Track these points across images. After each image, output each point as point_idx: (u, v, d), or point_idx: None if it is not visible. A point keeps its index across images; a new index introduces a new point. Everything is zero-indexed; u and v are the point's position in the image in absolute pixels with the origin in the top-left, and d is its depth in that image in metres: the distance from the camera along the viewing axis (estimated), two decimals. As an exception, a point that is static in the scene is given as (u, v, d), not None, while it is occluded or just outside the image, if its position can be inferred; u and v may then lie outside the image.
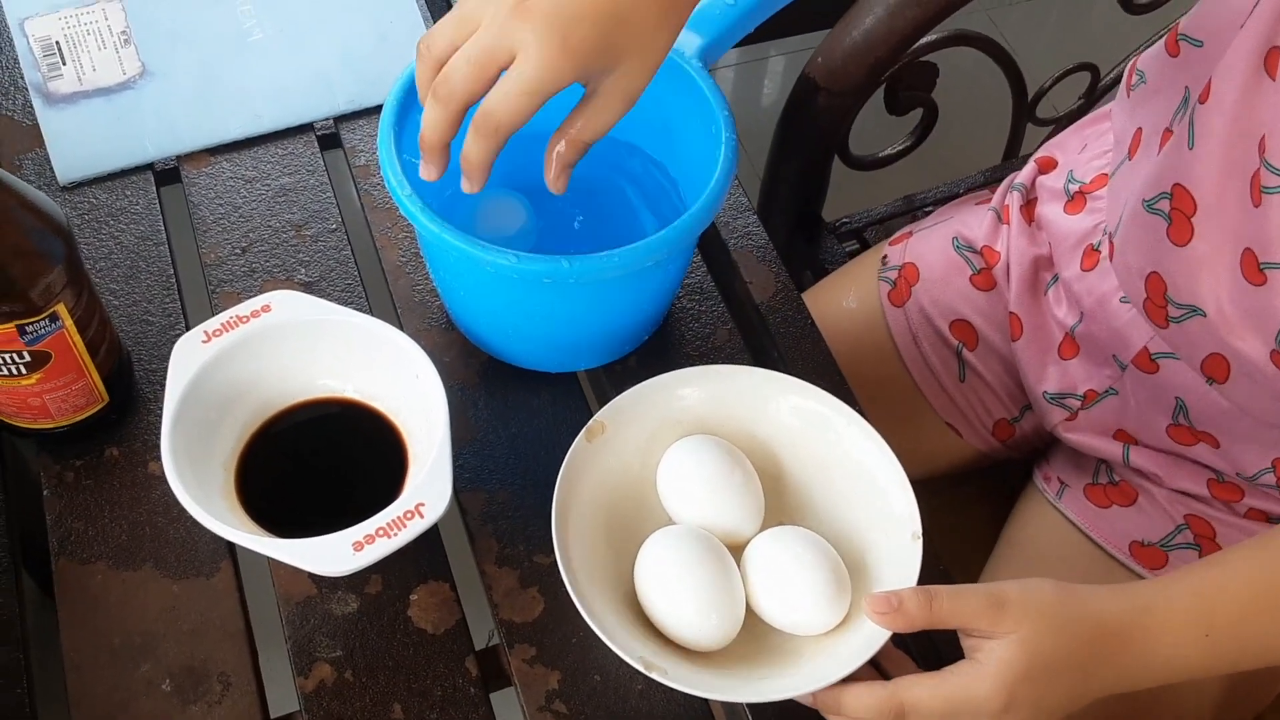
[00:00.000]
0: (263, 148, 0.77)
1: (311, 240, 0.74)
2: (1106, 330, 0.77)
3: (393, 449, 0.63)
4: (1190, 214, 0.66)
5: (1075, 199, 0.81)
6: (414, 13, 0.83)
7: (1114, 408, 0.79)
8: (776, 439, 0.64)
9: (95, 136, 0.76)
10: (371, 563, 0.54)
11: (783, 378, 0.64)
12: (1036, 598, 0.56)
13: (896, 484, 0.60)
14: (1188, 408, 0.74)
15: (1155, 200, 0.69)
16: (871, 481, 0.61)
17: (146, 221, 0.74)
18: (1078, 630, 0.56)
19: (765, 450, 0.64)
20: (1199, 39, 0.67)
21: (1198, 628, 0.57)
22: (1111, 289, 0.76)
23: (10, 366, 0.60)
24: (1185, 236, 0.67)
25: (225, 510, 0.58)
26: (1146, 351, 0.75)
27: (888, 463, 0.61)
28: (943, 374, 0.87)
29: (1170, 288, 0.70)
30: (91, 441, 0.66)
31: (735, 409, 0.64)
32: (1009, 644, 0.55)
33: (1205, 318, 0.68)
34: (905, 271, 0.89)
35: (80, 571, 0.62)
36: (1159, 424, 0.77)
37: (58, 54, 0.78)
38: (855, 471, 0.62)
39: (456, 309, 0.70)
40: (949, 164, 1.18)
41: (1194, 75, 0.66)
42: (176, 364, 0.60)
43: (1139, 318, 0.74)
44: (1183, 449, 0.77)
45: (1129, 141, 0.74)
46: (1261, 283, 0.63)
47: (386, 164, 0.61)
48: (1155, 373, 0.75)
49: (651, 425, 0.63)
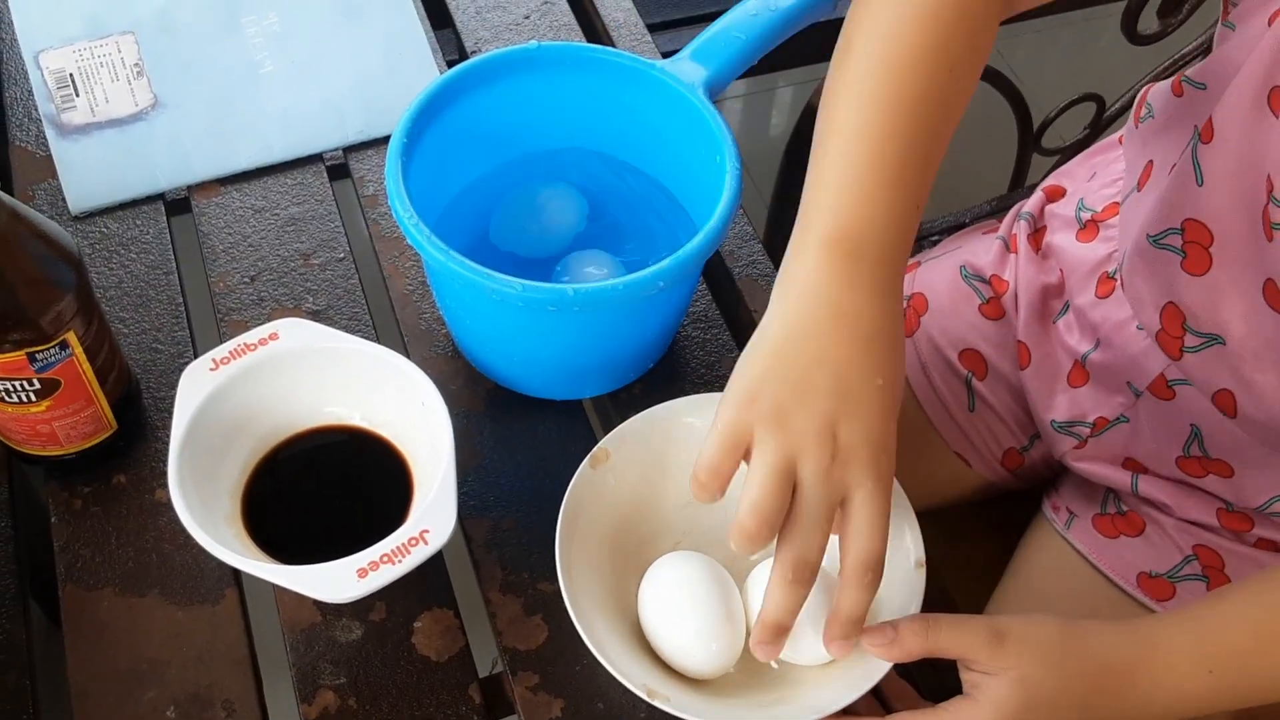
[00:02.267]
0: (272, 178, 0.78)
1: (320, 269, 0.74)
2: (1123, 357, 0.77)
3: (398, 476, 0.63)
4: (1208, 245, 0.67)
5: (1088, 227, 0.81)
6: (423, 45, 0.84)
7: (1125, 435, 0.79)
8: None
9: (107, 167, 0.77)
10: (376, 589, 0.55)
11: None
12: (1037, 633, 0.56)
13: (901, 512, 0.60)
14: (1203, 435, 0.74)
15: (1162, 235, 0.69)
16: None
17: (157, 251, 0.74)
18: (1078, 668, 0.56)
19: None
20: (1201, 82, 0.68)
21: (1201, 666, 0.57)
22: (1128, 316, 0.76)
23: (20, 393, 0.60)
24: (1203, 266, 0.67)
25: (231, 537, 0.58)
26: (1164, 378, 0.75)
27: (903, 512, 0.61)
28: (952, 404, 0.87)
29: (1189, 316, 0.70)
30: (99, 468, 0.66)
31: None
32: (1007, 681, 0.55)
33: (1224, 346, 0.68)
34: (914, 302, 0.89)
35: (87, 598, 0.62)
36: (1169, 453, 0.76)
37: (71, 86, 0.79)
38: None
39: (463, 336, 0.70)
40: (956, 193, 1.18)
41: (1198, 114, 0.67)
42: (184, 391, 0.60)
43: (1153, 346, 0.74)
44: (1192, 479, 0.76)
45: (1139, 173, 0.74)
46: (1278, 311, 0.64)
47: (394, 193, 0.62)
48: (1171, 399, 0.75)
49: (657, 452, 0.63)
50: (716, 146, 0.65)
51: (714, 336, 0.73)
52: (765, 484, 0.51)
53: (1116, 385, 0.78)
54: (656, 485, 0.63)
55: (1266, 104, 0.61)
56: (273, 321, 0.62)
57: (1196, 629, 0.58)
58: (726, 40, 0.69)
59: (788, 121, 1.81)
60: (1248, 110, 0.62)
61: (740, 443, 0.52)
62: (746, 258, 0.77)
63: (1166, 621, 0.59)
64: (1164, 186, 0.69)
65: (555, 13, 0.88)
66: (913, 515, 0.60)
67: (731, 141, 0.64)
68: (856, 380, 0.53)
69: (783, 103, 1.84)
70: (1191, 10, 0.95)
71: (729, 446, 0.52)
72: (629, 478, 0.62)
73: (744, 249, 0.77)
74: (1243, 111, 0.62)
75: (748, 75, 0.72)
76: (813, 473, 0.51)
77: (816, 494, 0.51)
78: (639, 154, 0.72)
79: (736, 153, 0.64)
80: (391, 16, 0.85)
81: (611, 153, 0.73)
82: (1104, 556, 0.80)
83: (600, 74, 0.69)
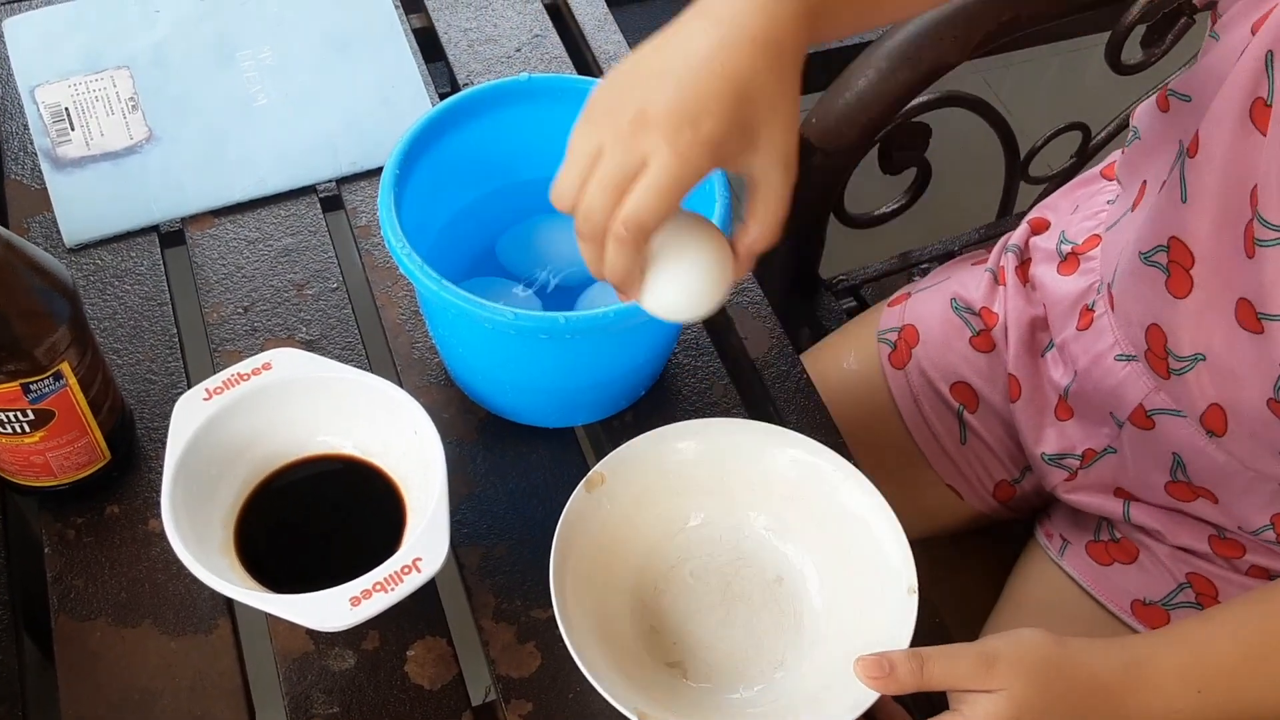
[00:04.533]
0: (266, 209, 0.79)
1: (313, 299, 0.75)
2: (1101, 389, 0.78)
3: (391, 504, 0.63)
4: (1189, 266, 0.67)
5: (1069, 260, 0.82)
6: (415, 78, 0.85)
7: (1113, 466, 0.79)
8: (775, 491, 0.64)
9: (102, 199, 0.77)
10: (369, 617, 0.55)
11: (782, 431, 0.64)
12: (1028, 653, 0.56)
13: (893, 538, 0.61)
14: (1185, 464, 0.74)
15: (1152, 253, 0.70)
16: (869, 535, 0.62)
17: (151, 282, 0.75)
18: (1069, 685, 0.56)
19: (763, 503, 0.65)
20: (1187, 94, 0.68)
21: (1191, 685, 0.57)
22: (1106, 347, 0.77)
23: (14, 424, 0.60)
24: (1184, 289, 0.68)
25: (224, 567, 0.59)
26: (1143, 409, 0.75)
27: (885, 517, 0.61)
28: (944, 436, 0.88)
29: (1171, 340, 0.70)
30: (92, 499, 0.66)
31: (734, 462, 0.64)
32: (998, 699, 0.55)
33: (1206, 365, 0.68)
34: (905, 334, 0.89)
35: (80, 628, 0.62)
36: (1157, 481, 0.77)
37: (66, 120, 0.80)
38: (852, 525, 0.63)
39: (455, 365, 0.71)
40: (944, 221, 1.19)
41: (1184, 129, 0.67)
42: (178, 421, 0.60)
43: (1135, 374, 0.75)
44: (1182, 505, 0.77)
45: (1134, 195, 0.75)
46: (1259, 332, 0.64)
47: (386, 223, 0.62)
48: (1151, 429, 0.75)
49: (651, 477, 0.63)
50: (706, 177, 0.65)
51: (705, 364, 0.74)
52: (569, 162, 0.53)
53: (1100, 417, 0.79)
54: (650, 510, 0.64)
55: (1249, 118, 0.61)
56: (266, 352, 0.62)
57: (1186, 649, 0.58)
58: None
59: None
60: (1232, 124, 0.62)
61: (586, 158, 0.53)
62: (736, 285, 0.78)
63: (1156, 641, 0.59)
64: (1153, 203, 0.70)
65: (546, 45, 0.89)
66: (904, 540, 0.60)
67: (720, 171, 0.65)
68: (687, 65, 0.51)
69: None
70: (1175, 40, 0.96)
71: (575, 155, 0.53)
72: (623, 502, 0.63)
73: (734, 277, 0.78)
74: (1227, 126, 0.63)
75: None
76: (612, 138, 0.51)
77: (609, 157, 0.51)
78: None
79: (725, 182, 0.65)
80: (384, 50, 0.86)
81: None
82: (1098, 584, 0.81)
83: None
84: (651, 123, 0.50)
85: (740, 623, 0.63)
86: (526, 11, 0.91)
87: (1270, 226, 0.61)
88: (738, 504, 0.65)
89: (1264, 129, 0.60)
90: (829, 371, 0.92)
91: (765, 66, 0.52)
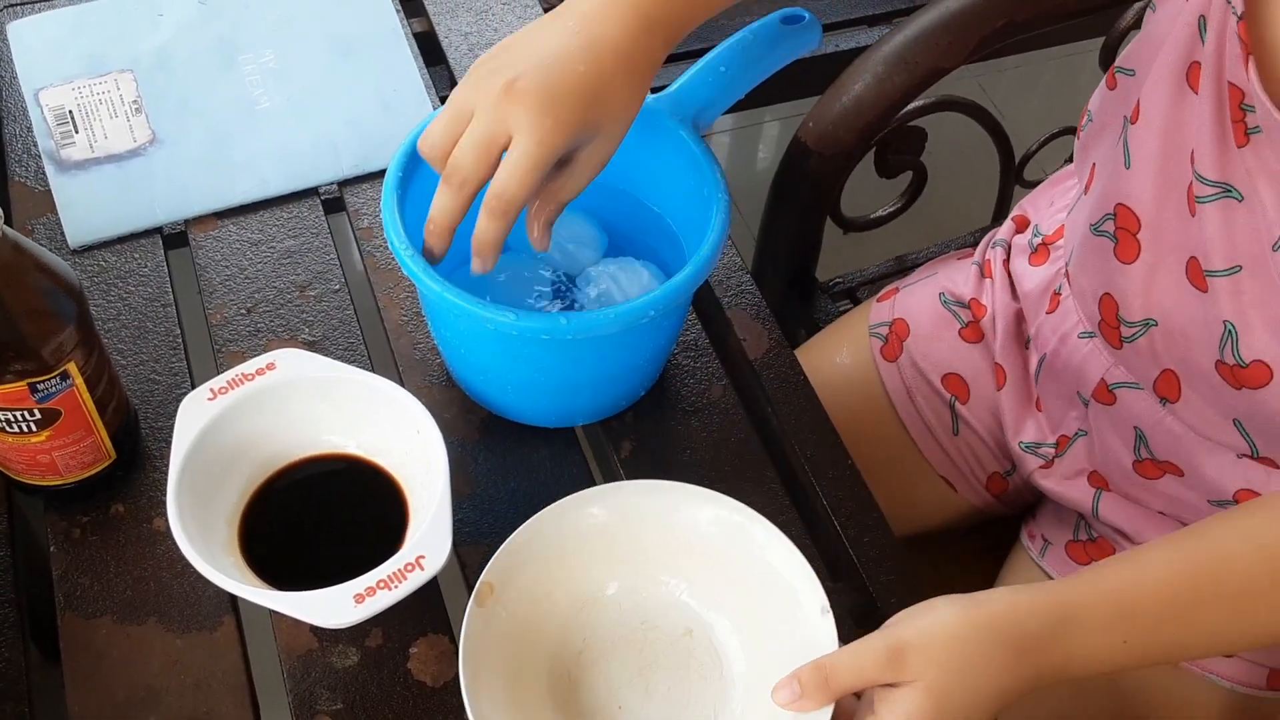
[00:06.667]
0: (269, 211, 0.79)
1: (315, 300, 0.75)
2: (1069, 369, 0.80)
3: (394, 503, 0.64)
4: (1135, 231, 0.69)
5: (1039, 250, 0.84)
6: (416, 81, 0.86)
7: (1085, 449, 0.81)
8: (683, 549, 0.63)
9: (106, 201, 0.78)
10: (373, 615, 0.55)
11: (681, 487, 0.63)
12: (938, 634, 0.55)
13: (794, 565, 0.60)
14: (1147, 438, 0.76)
15: (1101, 223, 0.72)
16: (774, 574, 0.61)
17: (154, 283, 0.76)
18: (987, 662, 0.55)
19: (673, 563, 0.63)
20: (1131, 68, 0.70)
21: (1118, 635, 0.58)
22: (1071, 326, 0.79)
23: (21, 423, 0.61)
24: (1132, 254, 0.70)
25: (229, 564, 0.59)
26: (1104, 383, 0.77)
27: (797, 563, 0.60)
28: (937, 428, 0.89)
29: (1122, 307, 0.72)
30: (98, 498, 0.67)
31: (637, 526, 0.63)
32: (914, 693, 0.54)
33: (1157, 329, 0.70)
34: (896, 327, 0.90)
35: (85, 626, 0.63)
36: (1125, 460, 0.78)
37: (70, 123, 0.80)
38: (757, 568, 0.61)
39: (457, 365, 0.71)
40: (940, 225, 1.20)
41: (1128, 102, 0.69)
42: (182, 420, 0.61)
43: (1095, 350, 0.77)
44: (1153, 483, 0.78)
45: (1086, 178, 0.76)
46: (1205, 290, 0.65)
47: (389, 224, 0.63)
48: (1113, 404, 0.77)
49: (541, 566, 0.61)
50: (706, 178, 0.66)
51: (703, 365, 0.75)
52: (442, 115, 0.60)
53: (1070, 398, 0.80)
54: (548, 601, 0.62)
55: (1186, 80, 0.63)
56: (271, 352, 0.63)
57: (1114, 602, 0.58)
58: (712, 76, 0.70)
59: (774, 155, 1.83)
60: (1170, 88, 0.64)
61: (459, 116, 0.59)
62: (735, 288, 0.78)
63: (1084, 591, 0.58)
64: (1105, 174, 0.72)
65: (546, 49, 0.89)
66: (807, 564, 0.59)
67: (720, 174, 0.66)
68: (555, 58, 0.59)
69: (769, 136, 1.86)
70: (1167, 45, 0.97)
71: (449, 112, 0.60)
72: (520, 604, 0.61)
73: (732, 279, 0.79)
74: (1165, 90, 0.65)
75: (734, 110, 0.73)
76: (481, 105, 0.59)
77: (479, 119, 0.59)
78: (631, 182, 0.74)
79: (725, 185, 0.65)
80: (385, 54, 0.86)
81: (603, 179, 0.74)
82: None
83: None
84: (518, 96, 0.58)
85: (663, 691, 0.61)
86: (526, 16, 0.91)
87: (1207, 183, 0.63)
88: (648, 568, 0.63)
89: (1198, 90, 0.62)
90: (823, 367, 0.93)
91: (620, 75, 0.60)
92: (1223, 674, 0.76)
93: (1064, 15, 0.93)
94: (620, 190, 0.74)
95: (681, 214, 0.72)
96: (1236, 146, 0.62)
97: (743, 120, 1.86)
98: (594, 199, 0.74)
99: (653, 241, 0.74)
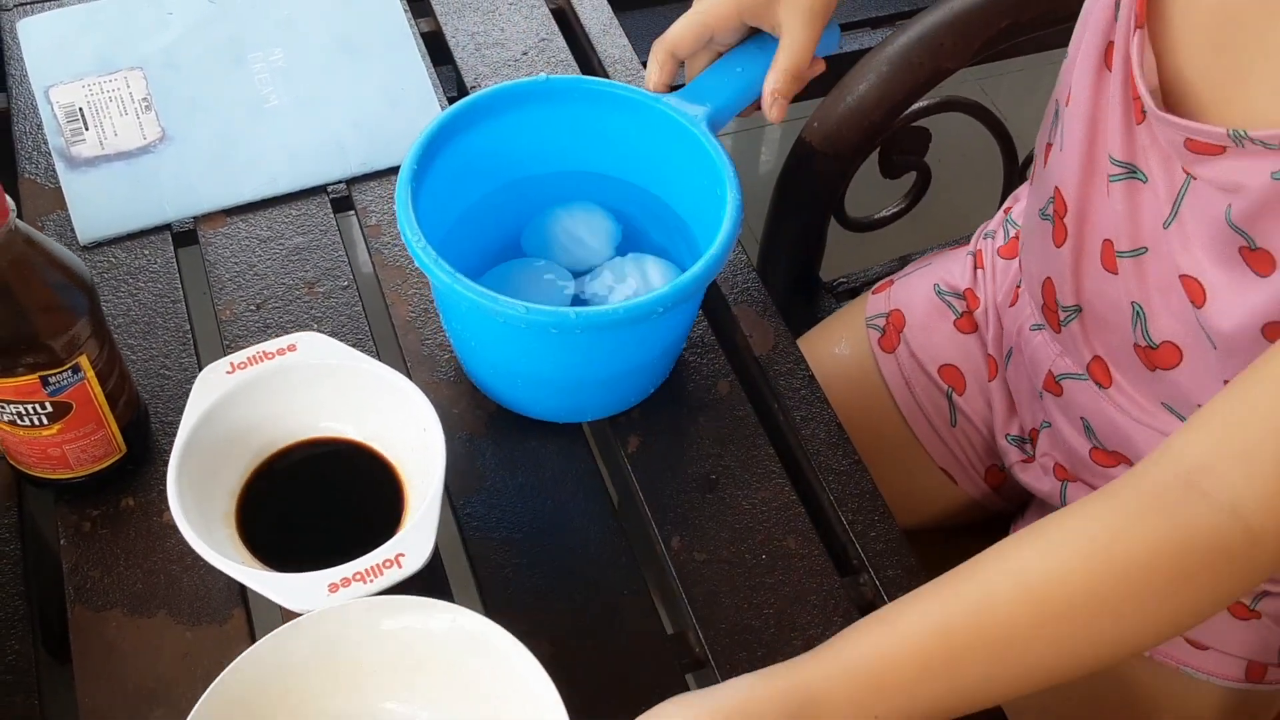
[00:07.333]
0: (277, 209, 0.80)
1: (324, 297, 0.76)
2: (1026, 361, 0.81)
3: (392, 496, 0.64)
4: (1064, 215, 0.70)
5: (1010, 243, 0.85)
6: (424, 81, 0.86)
7: (1049, 441, 0.82)
8: (419, 667, 0.58)
9: (115, 198, 0.78)
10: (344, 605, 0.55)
11: (391, 601, 0.57)
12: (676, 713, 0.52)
13: (546, 689, 0.54)
14: (1093, 428, 0.76)
15: (1045, 207, 0.73)
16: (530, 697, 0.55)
17: (164, 280, 0.76)
18: None
19: (407, 683, 0.59)
20: (1069, 50, 0.71)
21: (865, 710, 0.53)
22: (1026, 318, 0.80)
23: (32, 417, 0.61)
24: (1062, 237, 0.71)
25: (223, 538, 0.60)
26: (1052, 374, 0.78)
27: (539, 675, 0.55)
28: (935, 419, 0.89)
29: (1058, 291, 0.73)
30: (108, 492, 0.67)
31: (349, 649, 0.57)
32: None
33: (1084, 313, 0.71)
34: (893, 318, 0.91)
35: (95, 619, 0.63)
36: (1082, 449, 0.78)
37: (81, 120, 0.81)
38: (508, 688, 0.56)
39: (468, 359, 0.72)
40: (943, 225, 1.20)
41: (1064, 85, 0.70)
42: (199, 389, 0.62)
43: (1044, 342, 0.78)
44: (1109, 471, 0.78)
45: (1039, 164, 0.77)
46: (1116, 273, 0.66)
47: (404, 219, 0.63)
48: (1061, 396, 0.78)
49: (274, 687, 0.56)
50: (718, 177, 0.66)
51: (710, 362, 0.75)
52: None
53: (1032, 391, 0.81)
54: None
55: (1103, 60, 0.64)
56: (293, 334, 0.63)
57: (862, 678, 0.53)
58: (729, 77, 0.71)
59: (777, 159, 1.84)
60: (1091, 69, 0.65)
61: None
62: (741, 285, 0.79)
63: (827, 666, 0.54)
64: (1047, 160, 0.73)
65: (552, 49, 0.90)
66: (546, 676, 0.55)
67: (733, 172, 0.66)
68: None
69: (771, 139, 1.87)
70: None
71: None
72: None
73: (738, 276, 0.79)
74: (1087, 70, 0.65)
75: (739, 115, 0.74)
76: None
77: None
78: (643, 177, 0.74)
79: (738, 183, 0.66)
80: (393, 53, 0.87)
81: (617, 175, 0.75)
82: None
83: (606, 106, 0.71)
84: None
85: None
86: (533, 16, 0.92)
87: (1116, 163, 0.64)
88: (379, 693, 0.58)
89: (1111, 68, 0.63)
90: (822, 358, 0.93)
91: None
92: (1198, 667, 0.76)
93: (1067, 16, 0.92)
94: (634, 186, 0.75)
95: (694, 210, 0.72)
96: (1135, 124, 0.62)
97: (746, 123, 1.86)
98: (608, 194, 0.75)
99: (666, 237, 0.75)
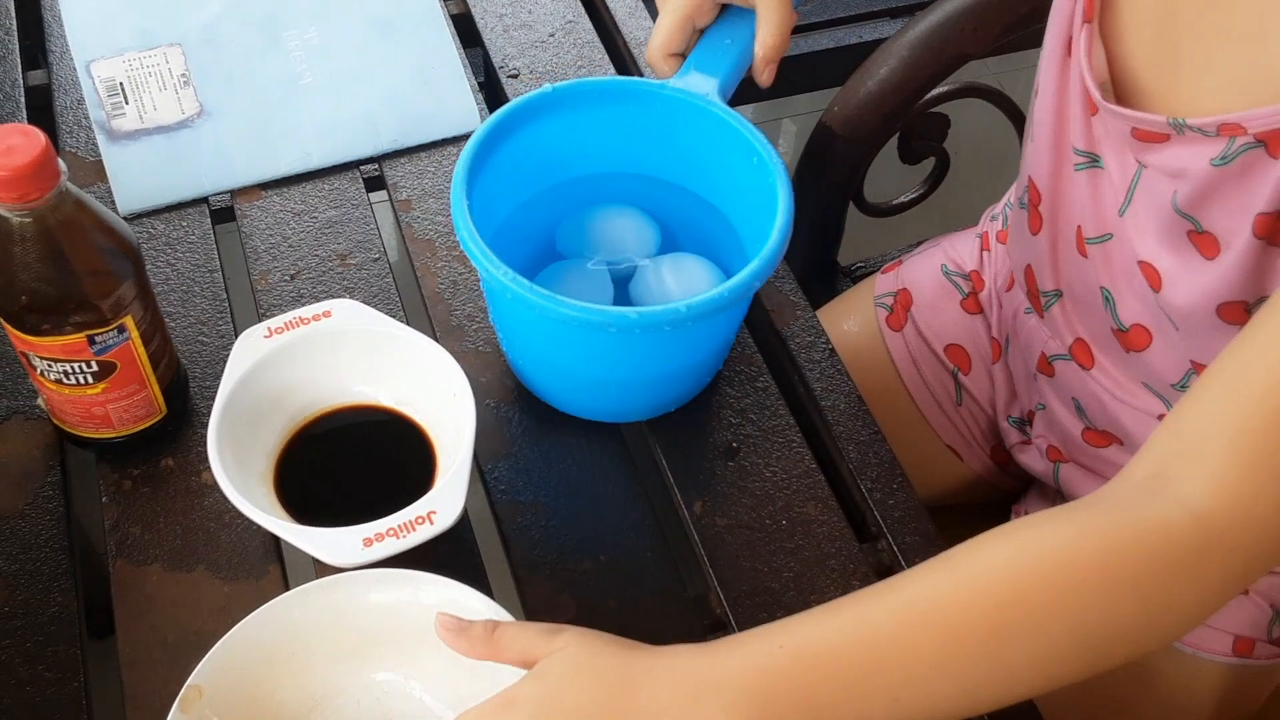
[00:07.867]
0: (311, 183, 0.82)
1: (356, 269, 0.78)
2: (1022, 343, 0.82)
3: (424, 459, 0.66)
4: (1038, 204, 0.72)
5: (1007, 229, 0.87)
6: (454, 60, 0.88)
7: (1044, 422, 0.83)
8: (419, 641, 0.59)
9: (154, 171, 0.80)
10: (379, 559, 0.57)
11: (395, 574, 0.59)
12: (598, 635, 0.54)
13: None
14: (1083, 408, 0.78)
15: (1023, 196, 0.75)
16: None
17: (201, 250, 0.78)
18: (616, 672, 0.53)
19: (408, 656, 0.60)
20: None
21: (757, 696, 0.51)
22: (1019, 302, 0.82)
23: (78, 375, 0.63)
24: (1037, 225, 0.73)
25: (261, 495, 0.62)
26: (1044, 356, 0.80)
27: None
28: (941, 397, 0.91)
29: (1038, 278, 0.75)
30: (148, 452, 0.69)
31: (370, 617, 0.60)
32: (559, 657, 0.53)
33: (1064, 298, 0.73)
34: (900, 297, 0.92)
35: (136, 573, 0.65)
36: (1074, 430, 0.80)
37: (121, 94, 0.83)
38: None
39: (518, 358, 0.72)
40: (961, 212, 1.22)
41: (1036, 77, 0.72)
42: (238, 352, 0.64)
43: (1037, 324, 0.79)
44: (1101, 452, 0.79)
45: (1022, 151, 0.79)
46: (1086, 258, 0.68)
47: (459, 220, 0.63)
48: (1053, 376, 0.80)
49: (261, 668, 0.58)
50: (766, 172, 0.67)
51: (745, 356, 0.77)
52: None
53: (1029, 373, 0.83)
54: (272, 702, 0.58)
55: (1066, 50, 0.66)
56: (328, 300, 0.65)
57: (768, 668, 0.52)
58: (720, 49, 0.72)
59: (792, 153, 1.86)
60: (1056, 59, 0.67)
61: None
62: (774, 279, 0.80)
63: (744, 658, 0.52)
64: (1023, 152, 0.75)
65: (578, 31, 0.92)
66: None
67: (782, 167, 0.66)
68: None
69: (789, 132, 1.88)
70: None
71: None
72: (235, 707, 0.57)
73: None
74: (1053, 61, 0.67)
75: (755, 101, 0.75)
76: None
77: None
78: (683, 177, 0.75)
79: (788, 179, 0.66)
80: (425, 33, 0.89)
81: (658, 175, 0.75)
82: None
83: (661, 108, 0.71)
84: None
85: None
86: (561, 0, 0.94)
87: (1079, 152, 0.66)
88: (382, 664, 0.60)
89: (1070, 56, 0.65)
90: (832, 336, 0.94)
91: None
92: (1185, 640, 0.77)
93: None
94: (674, 185, 0.75)
95: (739, 208, 0.73)
96: (1090, 115, 0.64)
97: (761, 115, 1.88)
98: (646, 196, 0.76)
99: (708, 237, 0.75)
